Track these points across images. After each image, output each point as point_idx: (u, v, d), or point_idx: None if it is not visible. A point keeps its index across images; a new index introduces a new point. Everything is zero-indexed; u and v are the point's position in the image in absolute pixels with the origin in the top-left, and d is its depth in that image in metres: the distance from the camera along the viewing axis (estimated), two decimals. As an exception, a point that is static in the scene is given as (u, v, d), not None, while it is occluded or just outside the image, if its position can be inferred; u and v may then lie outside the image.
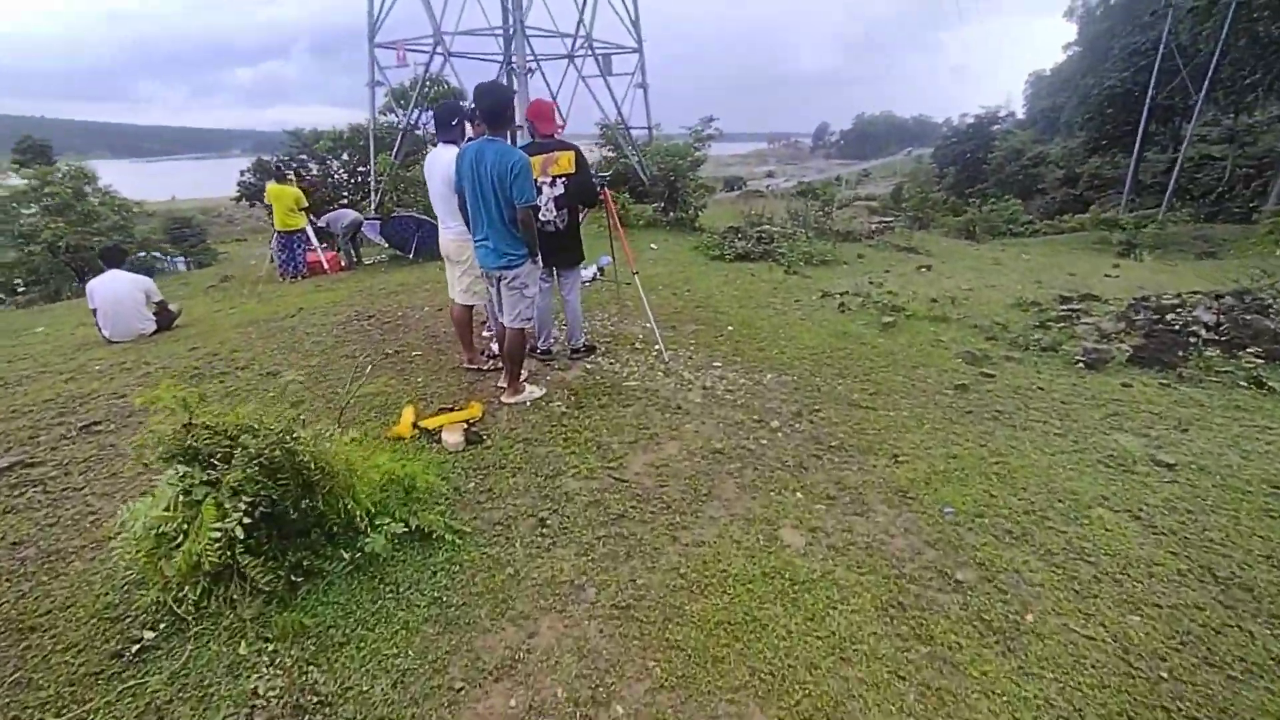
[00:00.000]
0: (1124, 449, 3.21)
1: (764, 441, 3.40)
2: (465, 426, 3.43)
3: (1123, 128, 28.39)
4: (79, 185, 12.93)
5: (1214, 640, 1.98)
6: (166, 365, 4.74)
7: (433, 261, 9.55)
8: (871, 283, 7.41)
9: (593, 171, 5.10)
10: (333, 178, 15.74)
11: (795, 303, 6.47)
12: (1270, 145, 26.64)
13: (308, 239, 9.59)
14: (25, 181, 12.65)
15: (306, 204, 9.40)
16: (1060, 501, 2.77)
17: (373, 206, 13.36)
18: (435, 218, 4.41)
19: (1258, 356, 4.06)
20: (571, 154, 4.10)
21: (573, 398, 3.95)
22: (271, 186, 9.23)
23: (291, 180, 9.70)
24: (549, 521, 2.64)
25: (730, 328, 5.54)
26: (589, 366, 4.52)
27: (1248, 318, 4.31)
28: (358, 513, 2.18)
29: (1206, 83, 21.97)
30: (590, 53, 12.74)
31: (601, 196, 4.81)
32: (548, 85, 13.12)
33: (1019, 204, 22.91)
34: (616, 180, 22.68)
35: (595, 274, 7.61)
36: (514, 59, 10.56)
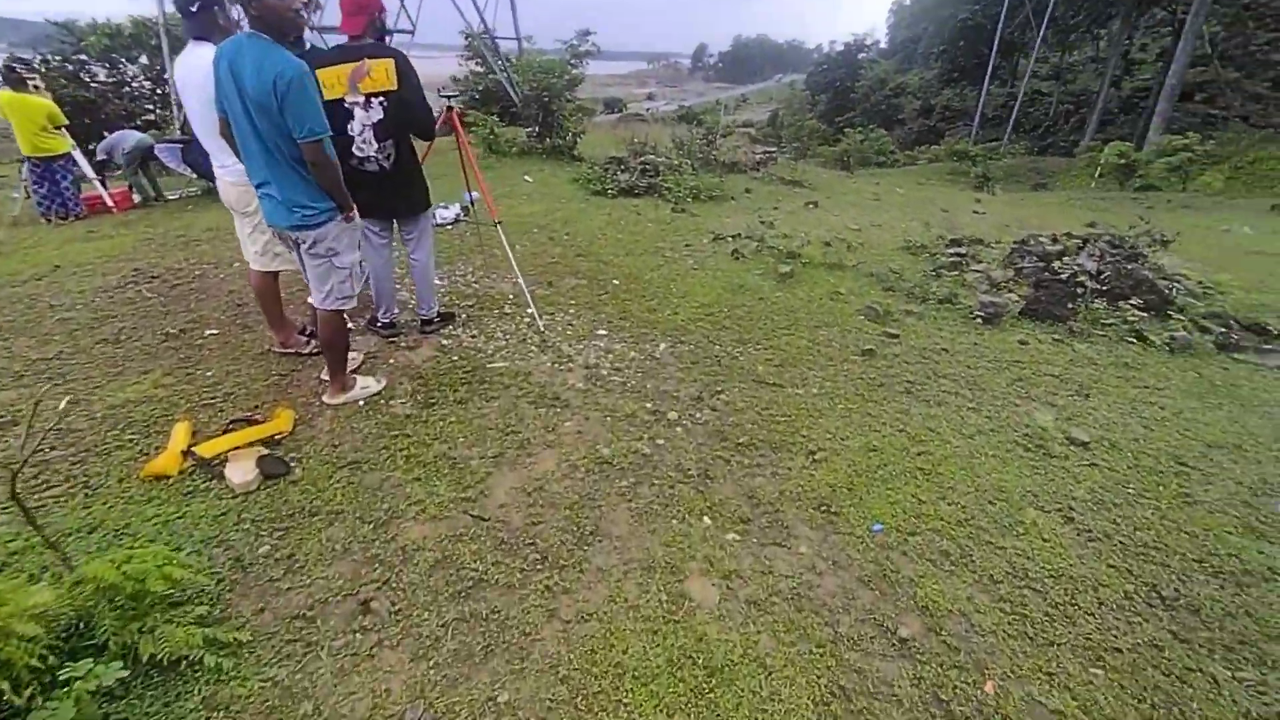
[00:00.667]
0: (1038, 426, 2.98)
1: (660, 442, 2.81)
2: (261, 452, 2.51)
3: (972, 60, 29.97)
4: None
5: (1180, 693, 1.71)
6: None
7: None
8: (763, 223, 6.94)
9: (444, 91, 4.04)
10: (129, 87, 12.50)
11: (685, 247, 5.85)
12: (1085, 85, 29.40)
13: (74, 165, 7.43)
14: None
15: (64, 121, 7.21)
16: (991, 504, 2.46)
17: (178, 125, 10.84)
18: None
19: (1138, 310, 4.05)
20: (390, 62, 3.00)
21: (421, 391, 3.11)
22: (5, 95, 6.91)
23: (40, 88, 7.35)
24: (375, 604, 1.89)
25: (616, 281, 4.83)
26: (444, 343, 3.66)
27: (1129, 266, 4.30)
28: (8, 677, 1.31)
29: (1046, 21, 23.40)
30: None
31: (447, 121, 3.78)
32: None
33: (887, 136, 23.64)
34: (485, 99, 20.44)
35: (458, 214, 6.51)
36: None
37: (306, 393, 3.06)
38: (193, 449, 2.48)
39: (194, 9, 2.78)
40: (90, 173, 7.67)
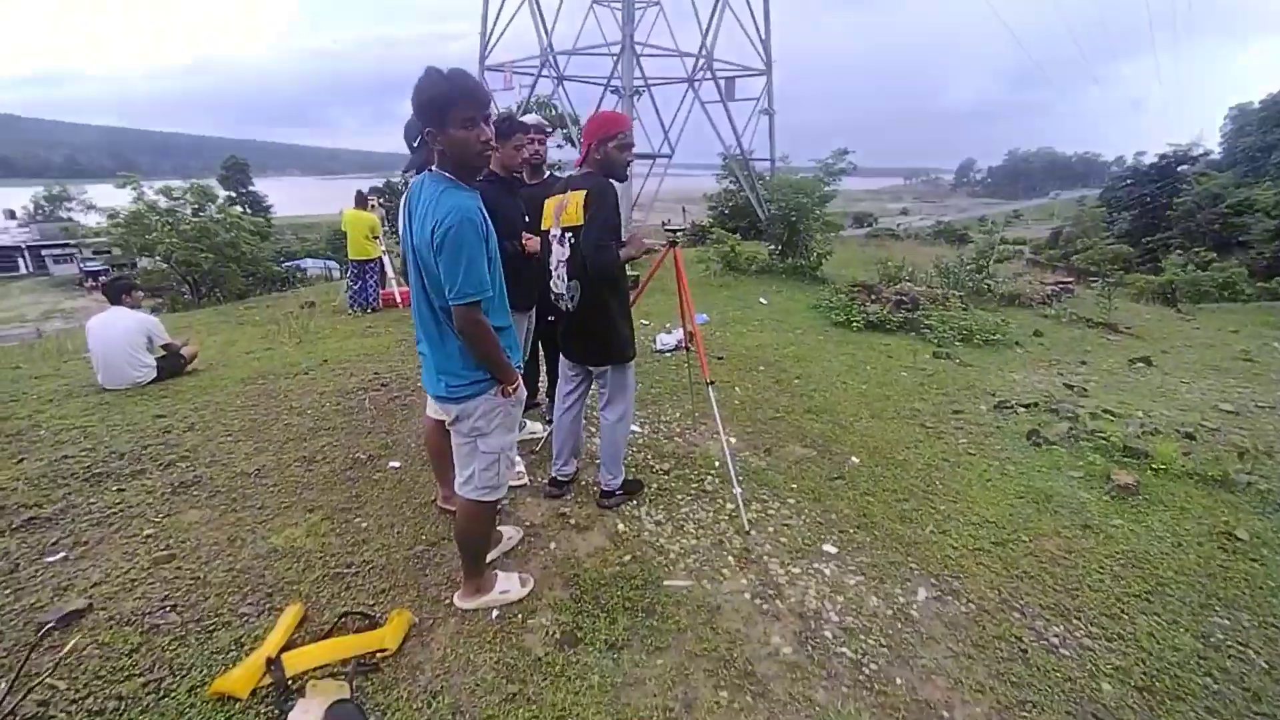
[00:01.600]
0: None
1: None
2: (341, 694, 1.88)
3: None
4: (201, 202, 13.55)
5: None
6: (58, 455, 3.69)
7: None
8: (1070, 387, 5.15)
9: (668, 225, 3.54)
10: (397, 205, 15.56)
11: (955, 415, 4.43)
12: None
13: (381, 269, 8.82)
14: (163, 197, 13.43)
15: (380, 233, 8.64)
16: None
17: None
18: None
19: None
20: (581, 194, 2.57)
21: (569, 610, 2.31)
22: (347, 213, 8.55)
23: (373, 206, 9.01)
24: None
25: (856, 460, 3.66)
26: (620, 528, 2.87)
27: None
28: None
29: None
30: (710, 75, 11.28)
31: (665, 253, 3.22)
32: (656, 111, 11.87)
33: (1239, 266, 18.43)
34: (733, 214, 21.05)
35: (680, 342, 5.98)
36: (619, 80, 9.33)
37: (441, 579, 2.47)
38: (281, 656, 1.97)
39: (415, 144, 2.60)
40: (391, 273, 9.05)
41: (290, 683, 1.90)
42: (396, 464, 3.45)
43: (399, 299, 9.02)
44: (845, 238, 22.44)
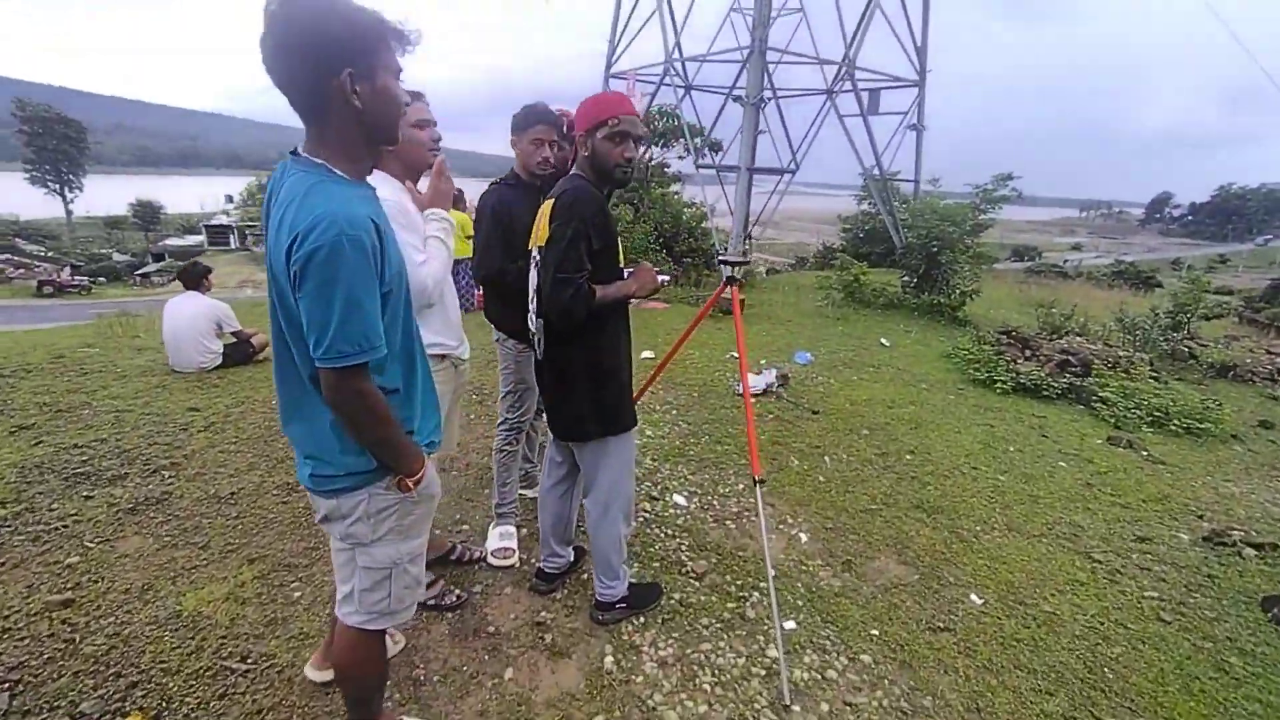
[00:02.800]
0: None
1: None
2: None
3: None
4: None
5: None
6: (68, 444, 3.51)
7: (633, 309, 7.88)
8: (1328, 519, 3.54)
9: (724, 255, 2.70)
10: None
11: (1140, 543, 3.11)
12: None
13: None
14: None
15: (471, 232, 8.48)
16: None
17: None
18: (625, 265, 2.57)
19: None
20: (550, 204, 1.85)
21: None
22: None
23: (464, 207, 8.94)
24: None
25: (977, 599, 2.55)
26: (607, 664, 2.06)
27: None
28: None
29: None
30: (852, 86, 10.10)
31: (720, 291, 2.43)
32: (783, 123, 10.82)
33: None
34: (869, 239, 19.22)
35: (770, 385, 5.03)
36: (744, 89, 8.50)
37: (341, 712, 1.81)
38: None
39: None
40: (486, 276, 8.90)
41: None
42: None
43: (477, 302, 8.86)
44: (999, 272, 19.73)
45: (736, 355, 6.16)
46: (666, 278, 2.16)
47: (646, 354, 5.97)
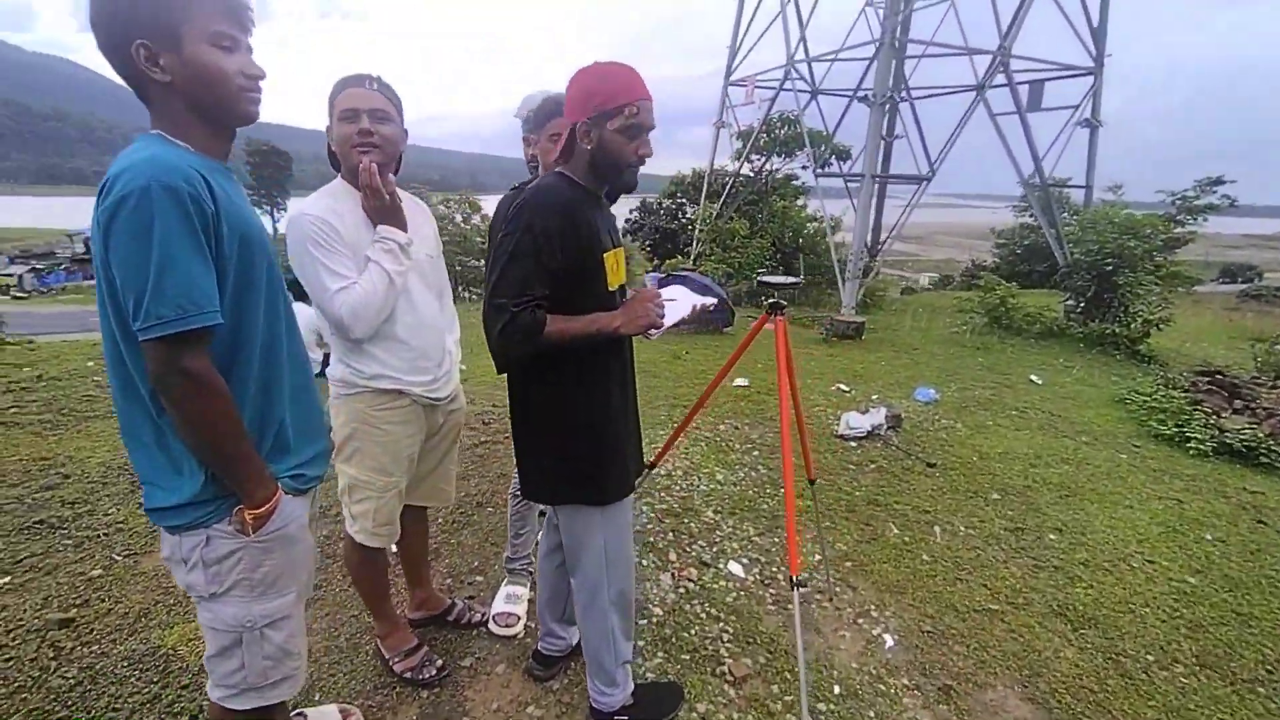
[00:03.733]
0: None
1: None
2: None
3: None
4: (467, 213, 15.41)
5: None
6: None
7: (713, 334, 7.47)
8: None
9: (763, 276, 2.25)
10: (649, 224, 15.38)
11: None
12: None
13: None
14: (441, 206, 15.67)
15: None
16: None
17: (691, 258, 12.07)
18: (724, 283, 2.27)
19: None
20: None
21: None
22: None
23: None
24: None
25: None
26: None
27: None
28: None
29: None
30: (1007, 79, 8.78)
31: (760, 325, 1.90)
32: (918, 126, 9.60)
33: None
34: (1027, 257, 16.86)
35: (877, 427, 4.27)
36: (871, 89, 7.63)
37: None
38: None
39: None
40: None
41: None
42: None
43: None
44: (1202, 296, 16.40)
45: (845, 389, 5.42)
46: (711, 300, 1.65)
47: (739, 381, 5.41)
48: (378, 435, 1.74)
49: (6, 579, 2.30)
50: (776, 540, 2.89)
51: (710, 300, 1.64)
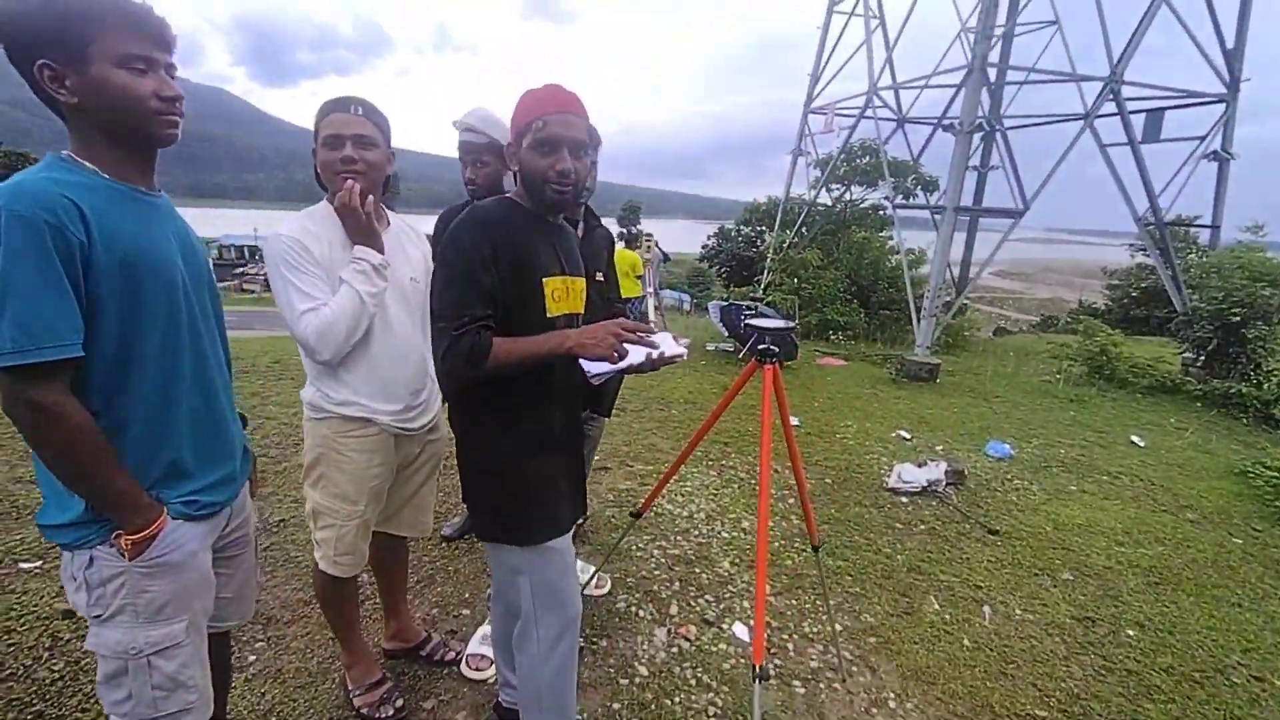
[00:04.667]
0: None
1: None
2: None
3: None
4: None
5: None
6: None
7: (781, 368, 7.18)
8: None
9: (750, 316, 2.35)
10: (726, 250, 15.16)
11: None
12: None
13: (640, 307, 8.57)
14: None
15: (641, 271, 8.36)
16: None
17: (761, 287, 11.78)
18: (797, 317, 2.15)
19: None
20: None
21: None
22: (616, 251, 8.51)
23: (642, 245, 8.83)
24: None
25: None
26: None
27: None
28: None
29: None
30: (1118, 108, 8.02)
31: (749, 372, 1.71)
32: (1010, 156, 8.84)
33: None
34: (1143, 300, 15.24)
35: (932, 483, 3.87)
36: (959, 116, 7.15)
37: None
38: None
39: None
40: (652, 315, 8.75)
41: None
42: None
43: None
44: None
45: (907, 436, 4.98)
46: (680, 350, 1.48)
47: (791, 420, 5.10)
48: (342, 463, 1.68)
49: (37, 564, 2.44)
50: (794, 603, 2.62)
51: (679, 352, 1.47)
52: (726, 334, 8.81)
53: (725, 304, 8.68)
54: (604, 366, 1.31)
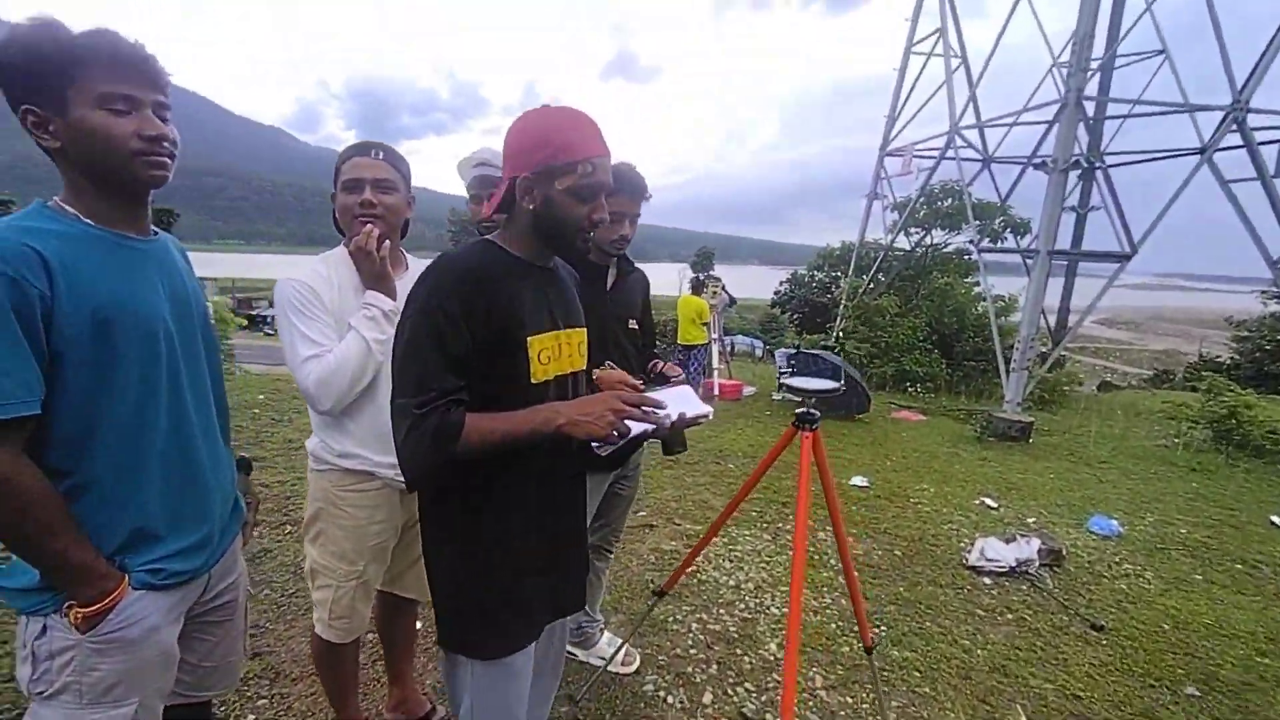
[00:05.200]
0: None
1: None
2: None
3: None
4: None
5: None
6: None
7: (841, 420, 6.84)
8: None
9: (784, 375, 1.98)
10: (799, 296, 14.67)
11: None
12: None
13: (705, 355, 8.37)
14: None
15: (709, 318, 8.19)
16: None
17: (834, 335, 11.31)
18: (864, 366, 1.99)
19: None
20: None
21: None
22: (681, 297, 8.39)
23: (715, 293, 8.66)
24: None
25: None
26: None
27: None
28: None
29: None
30: (1243, 139, 7.24)
31: (788, 439, 1.47)
32: (1113, 195, 8.07)
33: None
34: (1278, 352, 13.45)
35: (1025, 561, 3.39)
36: (1052, 154, 6.64)
37: None
38: None
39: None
40: (715, 362, 8.51)
41: None
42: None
43: (718, 388, 8.39)
44: None
45: (992, 504, 4.45)
46: (702, 410, 1.31)
47: (857, 480, 4.72)
48: (341, 519, 1.59)
49: None
50: (849, 700, 2.28)
51: (701, 412, 1.28)
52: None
53: (793, 351, 8.34)
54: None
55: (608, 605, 2.75)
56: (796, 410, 1.55)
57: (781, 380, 8.09)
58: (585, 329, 1.33)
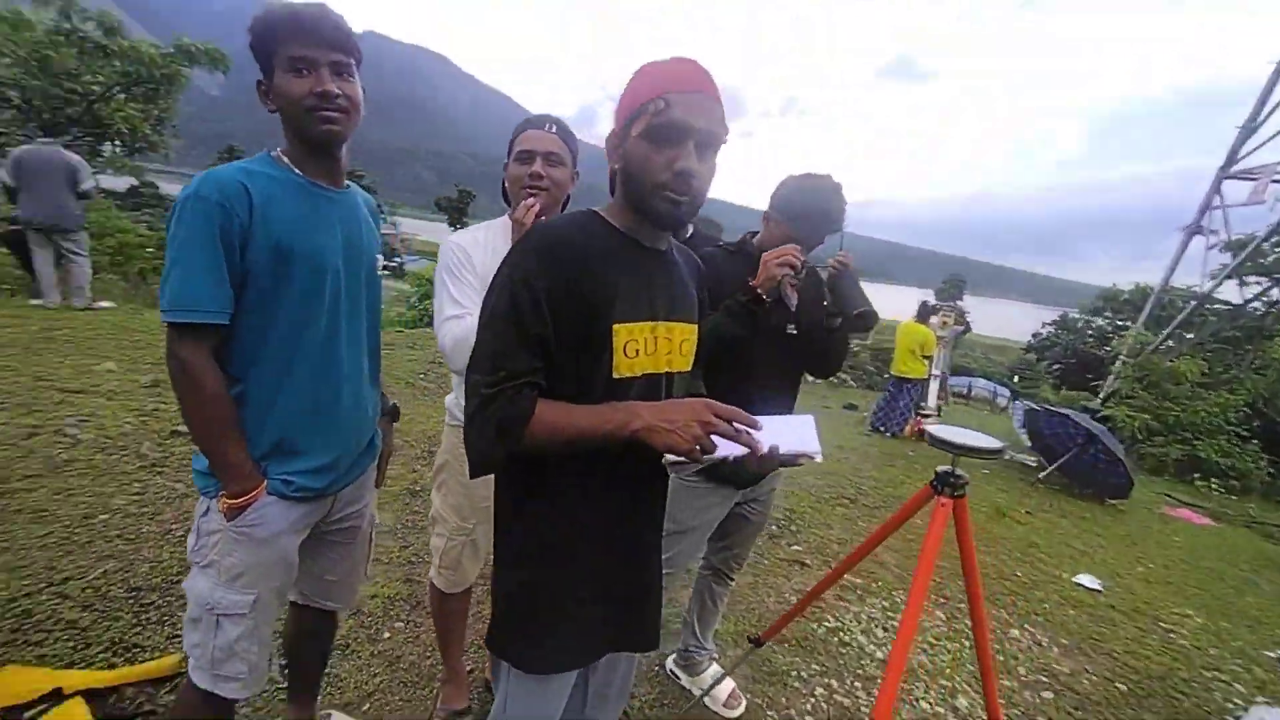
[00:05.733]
0: None
1: None
2: None
3: None
4: None
5: None
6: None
7: (1090, 501, 5.72)
8: None
9: (930, 421, 1.51)
10: (1064, 343, 11.93)
11: None
12: None
13: (919, 391, 7.44)
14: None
15: (932, 352, 7.23)
16: None
17: (1101, 396, 9.20)
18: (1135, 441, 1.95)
19: None
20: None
21: None
22: (902, 323, 7.52)
23: (944, 323, 7.60)
24: None
25: None
26: None
27: None
28: None
29: None
30: None
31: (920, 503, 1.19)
32: None
33: None
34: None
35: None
36: None
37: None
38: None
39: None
40: (932, 402, 7.51)
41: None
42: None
43: (908, 429, 7.40)
44: None
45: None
46: (810, 449, 1.07)
47: (1085, 579, 3.76)
48: (461, 475, 1.68)
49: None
50: None
51: (806, 451, 1.05)
52: (1030, 444, 7.08)
53: (1035, 408, 6.97)
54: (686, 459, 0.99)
55: (725, 636, 2.56)
56: (937, 469, 1.22)
57: (922, 423, 6.84)
58: (696, 326, 1.18)
